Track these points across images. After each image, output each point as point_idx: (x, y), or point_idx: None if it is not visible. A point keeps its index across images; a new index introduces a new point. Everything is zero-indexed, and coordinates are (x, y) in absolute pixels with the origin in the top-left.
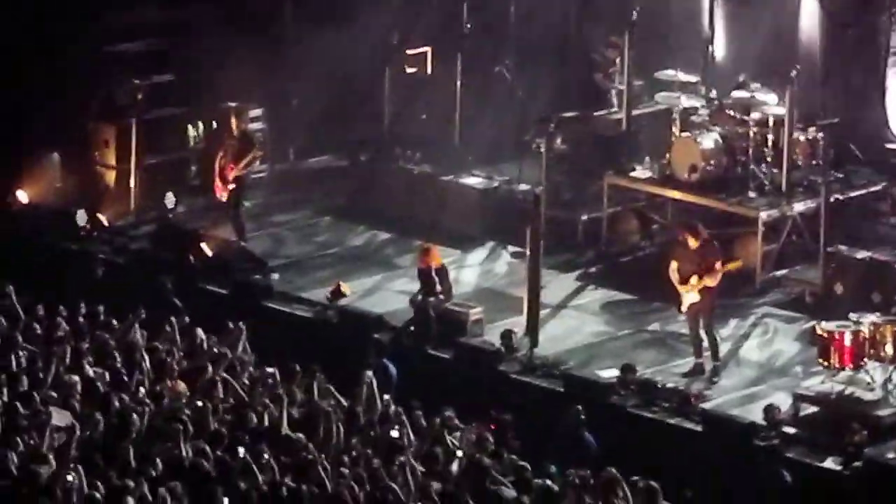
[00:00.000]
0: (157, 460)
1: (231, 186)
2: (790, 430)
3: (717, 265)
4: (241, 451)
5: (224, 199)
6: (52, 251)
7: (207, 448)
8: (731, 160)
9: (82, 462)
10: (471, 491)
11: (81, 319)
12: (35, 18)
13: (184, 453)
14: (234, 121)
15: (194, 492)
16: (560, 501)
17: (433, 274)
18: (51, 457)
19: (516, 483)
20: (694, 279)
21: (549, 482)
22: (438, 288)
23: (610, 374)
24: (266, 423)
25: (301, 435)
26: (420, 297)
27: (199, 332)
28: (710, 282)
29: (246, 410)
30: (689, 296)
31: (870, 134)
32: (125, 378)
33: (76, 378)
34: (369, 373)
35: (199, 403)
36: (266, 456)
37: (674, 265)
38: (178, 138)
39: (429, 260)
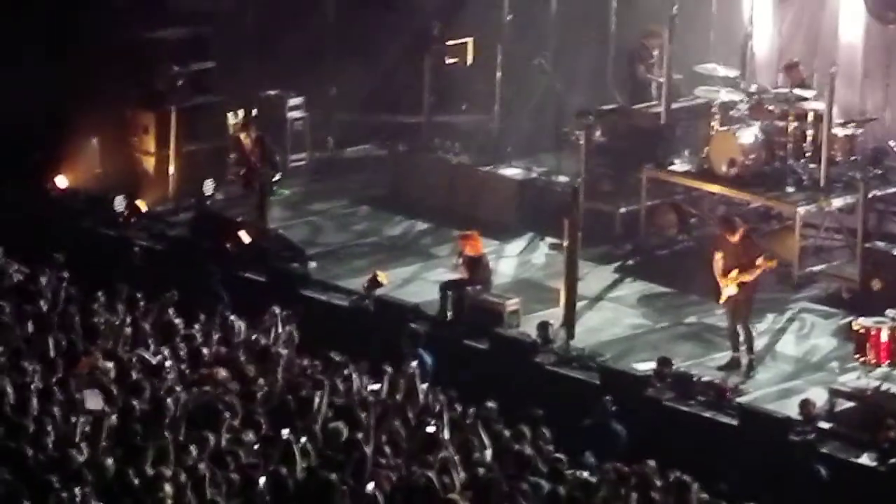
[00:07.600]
0: (193, 447)
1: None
2: (825, 425)
3: (758, 261)
4: (286, 433)
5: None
6: (91, 237)
7: (246, 435)
8: (770, 155)
9: (117, 448)
10: (509, 482)
11: (119, 305)
12: (75, 5)
13: (223, 440)
14: (242, 135)
15: (231, 479)
16: (596, 493)
17: (480, 262)
18: (83, 444)
19: (551, 475)
20: (734, 273)
21: (585, 474)
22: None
23: (646, 366)
24: (306, 410)
25: (340, 423)
26: (468, 287)
27: (236, 319)
28: (748, 277)
29: (285, 398)
30: (728, 289)
31: None
32: (161, 363)
33: (110, 364)
34: (412, 363)
35: (237, 390)
36: (305, 443)
37: (718, 256)
38: (218, 126)
39: (479, 247)
